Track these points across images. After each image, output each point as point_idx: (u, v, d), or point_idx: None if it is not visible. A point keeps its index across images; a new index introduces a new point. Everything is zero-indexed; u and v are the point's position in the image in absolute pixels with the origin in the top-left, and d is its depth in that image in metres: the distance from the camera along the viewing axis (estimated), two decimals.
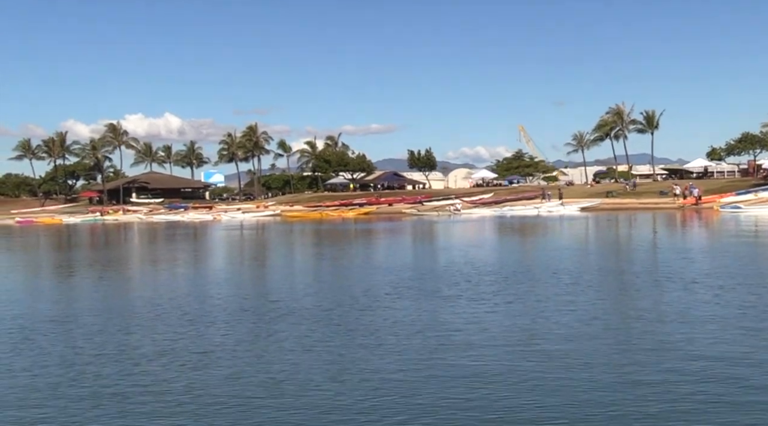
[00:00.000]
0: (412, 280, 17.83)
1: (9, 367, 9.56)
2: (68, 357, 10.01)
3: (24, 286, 20.30)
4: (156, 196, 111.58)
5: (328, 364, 9.31)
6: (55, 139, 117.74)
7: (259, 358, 9.79)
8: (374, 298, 14.86)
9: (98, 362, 9.63)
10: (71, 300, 16.57)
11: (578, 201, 68.43)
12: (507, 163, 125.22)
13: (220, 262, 26.70)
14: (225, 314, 13.32)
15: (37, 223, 79.53)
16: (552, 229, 43.54)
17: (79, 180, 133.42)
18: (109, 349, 10.42)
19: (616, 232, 40.58)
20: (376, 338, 10.84)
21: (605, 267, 20.35)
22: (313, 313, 13.11)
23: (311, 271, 22.14)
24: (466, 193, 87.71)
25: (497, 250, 28.85)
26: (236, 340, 10.99)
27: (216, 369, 9.19)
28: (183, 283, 19.45)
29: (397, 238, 39.16)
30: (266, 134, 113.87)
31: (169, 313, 13.53)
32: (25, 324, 12.79)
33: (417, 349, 10.03)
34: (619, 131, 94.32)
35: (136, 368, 9.28)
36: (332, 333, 11.33)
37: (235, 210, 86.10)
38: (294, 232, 47.78)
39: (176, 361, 9.61)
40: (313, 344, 10.50)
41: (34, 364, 9.68)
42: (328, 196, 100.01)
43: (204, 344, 10.68)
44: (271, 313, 13.28)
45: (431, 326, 11.71)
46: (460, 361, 9.35)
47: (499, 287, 16.07)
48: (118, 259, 29.21)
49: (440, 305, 13.87)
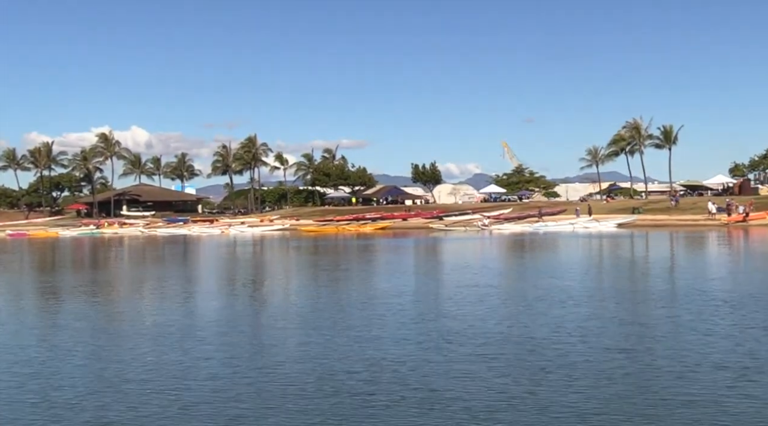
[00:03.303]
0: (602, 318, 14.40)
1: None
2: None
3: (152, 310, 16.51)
4: (147, 209, 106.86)
5: None
6: (41, 150, 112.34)
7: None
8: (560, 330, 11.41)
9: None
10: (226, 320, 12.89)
11: (612, 217, 65.49)
12: (507, 178, 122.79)
13: (308, 282, 23.00)
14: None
15: (31, 237, 74.85)
16: (617, 247, 40.39)
17: (64, 192, 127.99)
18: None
19: (699, 252, 37.41)
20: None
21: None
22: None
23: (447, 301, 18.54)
24: (481, 208, 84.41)
25: (617, 274, 25.45)
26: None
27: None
28: (304, 305, 15.81)
29: (461, 258, 35.66)
30: (266, 146, 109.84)
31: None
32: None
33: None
34: (635, 146, 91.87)
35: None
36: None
37: (239, 224, 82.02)
38: (331, 249, 44.07)
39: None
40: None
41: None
42: (331, 210, 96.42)
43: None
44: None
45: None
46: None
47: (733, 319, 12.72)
48: (190, 277, 25.49)
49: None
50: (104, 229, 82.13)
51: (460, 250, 41.44)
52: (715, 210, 62.95)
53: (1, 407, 8.44)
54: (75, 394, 8.91)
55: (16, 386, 9.37)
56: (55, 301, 19.45)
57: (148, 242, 57.71)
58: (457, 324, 13.41)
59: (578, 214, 67.38)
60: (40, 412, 8.14)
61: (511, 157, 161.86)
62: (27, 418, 7.98)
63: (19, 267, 34.72)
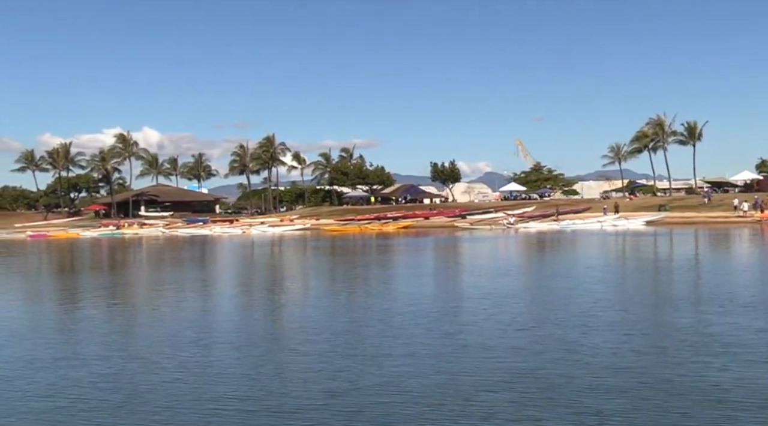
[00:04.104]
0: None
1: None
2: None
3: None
4: (165, 209, 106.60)
5: None
6: (59, 151, 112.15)
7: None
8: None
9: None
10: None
11: (640, 215, 64.36)
12: (526, 176, 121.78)
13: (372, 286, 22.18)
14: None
15: (52, 238, 74.44)
16: (662, 246, 39.35)
17: (81, 192, 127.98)
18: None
19: (751, 251, 36.14)
20: None
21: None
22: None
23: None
24: (503, 206, 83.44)
25: (688, 274, 24.46)
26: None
27: None
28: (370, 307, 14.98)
29: (510, 259, 34.77)
30: (284, 145, 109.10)
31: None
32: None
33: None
34: (658, 143, 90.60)
35: None
36: None
37: (259, 224, 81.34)
38: (362, 249, 43.19)
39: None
40: None
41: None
42: (350, 210, 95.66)
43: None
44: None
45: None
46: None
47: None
48: (230, 279, 24.72)
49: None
50: (124, 229, 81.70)
51: (500, 249, 40.48)
52: (747, 207, 61.74)
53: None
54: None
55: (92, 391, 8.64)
56: (102, 302, 18.73)
57: (171, 243, 57.02)
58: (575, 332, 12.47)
59: (606, 212, 66.30)
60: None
61: (526, 156, 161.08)
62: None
63: (54, 268, 34.11)
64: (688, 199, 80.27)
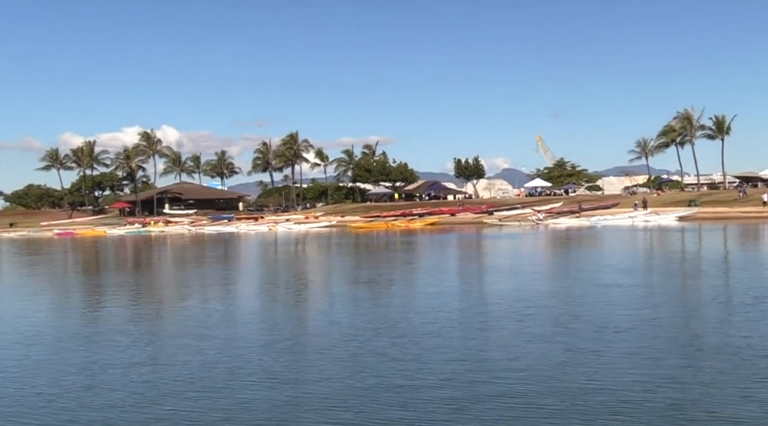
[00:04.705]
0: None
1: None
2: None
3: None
4: (189, 207, 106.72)
5: None
6: (84, 149, 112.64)
7: None
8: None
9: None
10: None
11: (672, 210, 63.48)
12: (549, 172, 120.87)
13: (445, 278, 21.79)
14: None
15: (79, 236, 74.78)
16: (706, 242, 38.63)
17: (105, 191, 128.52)
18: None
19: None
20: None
21: None
22: None
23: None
24: (530, 202, 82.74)
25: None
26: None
27: None
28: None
29: (555, 255, 34.25)
30: (307, 142, 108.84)
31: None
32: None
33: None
34: (686, 137, 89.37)
35: None
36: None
37: (284, 221, 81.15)
38: (394, 246, 42.81)
39: None
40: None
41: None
42: (374, 207, 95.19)
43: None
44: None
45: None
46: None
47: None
48: (266, 279, 24.45)
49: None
50: (150, 227, 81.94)
51: (541, 246, 39.95)
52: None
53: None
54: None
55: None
56: (142, 300, 18.52)
57: (198, 240, 57.01)
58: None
59: (636, 208, 65.44)
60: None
61: (546, 151, 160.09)
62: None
63: (92, 267, 34.07)
64: (718, 194, 79.21)
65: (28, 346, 11.88)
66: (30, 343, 12.26)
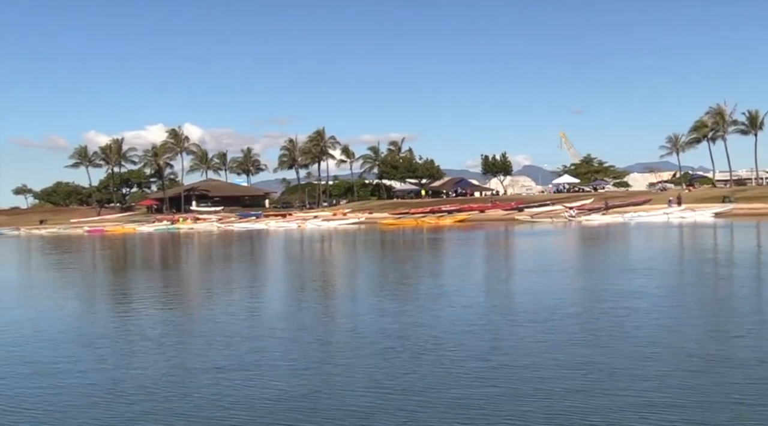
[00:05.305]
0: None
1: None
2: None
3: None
4: (216, 204, 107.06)
5: None
6: (112, 147, 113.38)
7: None
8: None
9: None
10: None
11: (707, 207, 62.53)
12: (576, 168, 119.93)
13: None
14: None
15: (109, 233, 75.12)
16: (751, 239, 37.83)
17: (132, 188, 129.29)
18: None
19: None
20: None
21: None
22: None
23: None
24: (559, 199, 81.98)
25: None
26: None
27: None
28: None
29: (612, 252, 33.72)
30: (334, 139, 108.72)
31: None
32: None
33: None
34: (718, 133, 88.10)
35: None
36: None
37: (312, 218, 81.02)
38: (433, 243, 42.37)
39: None
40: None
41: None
42: (401, 203, 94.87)
43: None
44: None
45: None
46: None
47: None
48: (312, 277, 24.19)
49: None
50: (179, 224, 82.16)
51: (580, 242, 39.39)
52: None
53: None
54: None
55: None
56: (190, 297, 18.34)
57: (228, 237, 56.88)
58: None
59: (671, 204, 64.55)
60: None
61: (569, 148, 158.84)
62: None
63: (128, 264, 34.07)
64: (752, 189, 78.12)
65: (98, 349, 11.66)
66: (98, 345, 12.06)
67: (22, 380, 9.35)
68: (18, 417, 7.76)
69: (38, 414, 7.85)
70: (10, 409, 8.04)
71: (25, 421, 7.65)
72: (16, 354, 11.11)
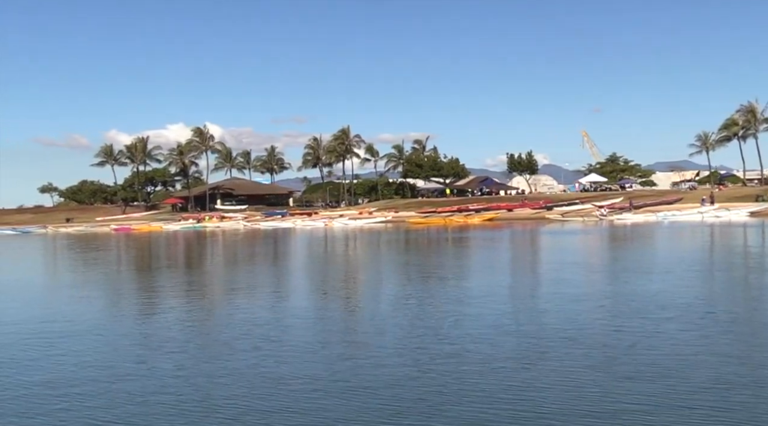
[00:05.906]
0: None
1: None
2: None
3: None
4: (240, 202, 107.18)
5: None
6: (137, 145, 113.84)
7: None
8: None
9: None
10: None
11: (743, 206, 61.51)
12: (601, 166, 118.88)
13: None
14: None
15: (135, 231, 75.26)
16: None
17: (157, 186, 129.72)
18: None
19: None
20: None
21: None
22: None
23: None
24: (587, 197, 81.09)
25: None
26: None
27: None
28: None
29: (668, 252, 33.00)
30: (359, 137, 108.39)
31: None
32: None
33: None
34: (749, 131, 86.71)
35: None
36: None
37: (338, 216, 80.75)
38: (470, 242, 41.68)
39: None
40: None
41: None
42: (426, 202, 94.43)
43: None
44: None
45: None
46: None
47: None
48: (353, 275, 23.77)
49: None
50: (205, 222, 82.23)
51: (620, 242, 38.66)
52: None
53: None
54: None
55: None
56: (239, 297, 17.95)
57: (256, 236, 56.59)
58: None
59: (704, 203, 63.55)
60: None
61: (591, 147, 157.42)
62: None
63: (162, 262, 33.86)
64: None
65: (152, 350, 11.30)
66: (154, 347, 11.71)
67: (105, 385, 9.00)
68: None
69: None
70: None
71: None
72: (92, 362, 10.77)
